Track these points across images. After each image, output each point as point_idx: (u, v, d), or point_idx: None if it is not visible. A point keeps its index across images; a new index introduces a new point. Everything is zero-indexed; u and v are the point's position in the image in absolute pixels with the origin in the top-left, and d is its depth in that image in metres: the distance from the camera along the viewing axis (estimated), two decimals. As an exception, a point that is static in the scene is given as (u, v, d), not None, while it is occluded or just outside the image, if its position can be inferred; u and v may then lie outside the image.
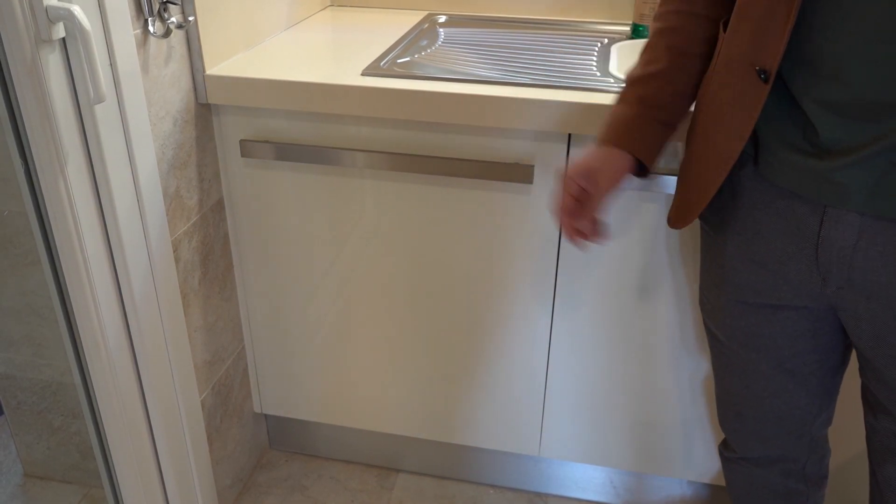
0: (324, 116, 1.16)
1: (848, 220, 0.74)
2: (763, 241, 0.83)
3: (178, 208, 1.14)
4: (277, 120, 1.17)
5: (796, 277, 0.82)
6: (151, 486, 1.19)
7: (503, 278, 1.23)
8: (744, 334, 0.91)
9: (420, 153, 1.15)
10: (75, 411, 1.41)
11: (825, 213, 0.76)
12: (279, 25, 1.38)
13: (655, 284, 1.19)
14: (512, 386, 1.33)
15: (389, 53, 1.25)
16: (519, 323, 1.26)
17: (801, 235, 0.79)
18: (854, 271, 0.76)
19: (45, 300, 1.23)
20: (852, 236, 0.75)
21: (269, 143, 1.18)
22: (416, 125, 1.13)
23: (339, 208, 1.23)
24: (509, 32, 1.43)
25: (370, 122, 1.14)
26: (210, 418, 1.32)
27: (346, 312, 1.33)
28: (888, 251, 0.73)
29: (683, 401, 1.28)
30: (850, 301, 0.79)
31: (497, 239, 1.20)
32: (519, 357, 1.30)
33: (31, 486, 1.51)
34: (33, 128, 0.87)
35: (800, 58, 0.73)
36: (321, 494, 1.51)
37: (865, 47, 0.67)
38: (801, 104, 0.74)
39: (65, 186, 0.91)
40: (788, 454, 0.99)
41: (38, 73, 0.83)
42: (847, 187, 0.72)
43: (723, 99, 0.82)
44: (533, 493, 1.51)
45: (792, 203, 0.79)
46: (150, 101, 1.03)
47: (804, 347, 0.89)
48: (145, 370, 1.10)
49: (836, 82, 0.70)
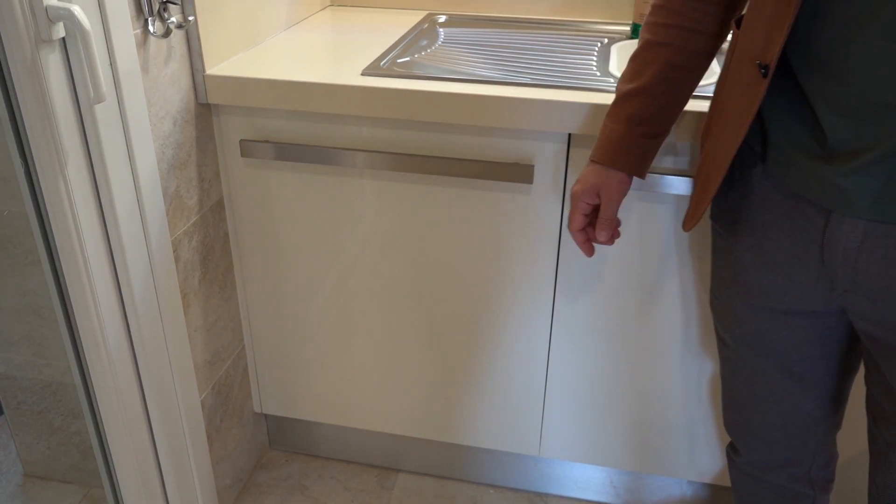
0: (323, 116, 1.16)
1: (853, 221, 0.74)
2: (772, 242, 0.83)
3: (178, 208, 1.14)
4: (277, 120, 1.17)
5: (804, 281, 0.82)
6: (151, 486, 1.19)
7: (503, 278, 1.23)
8: (752, 337, 0.91)
9: (419, 153, 1.15)
10: (75, 411, 1.41)
11: (830, 215, 0.75)
12: (279, 25, 1.38)
13: (656, 284, 1.19)
14: (512, 386, 1.33)
15: (389, 53, 1.25)
16: (519, 323, 1.26)
17: (808, 236, 0.79)
18: (859, 274, 0.76)
19: (45, 300, 1.23)
20: (857, 238, 0.74)
21: (269, 143, 1.18)
22: (416, 125, 1.13)
23: (339, 208, 1.23)
24: (509, 32, 1.43)
25: (370, 122, 1.15)
26: (210, 418, 1.32)
27: (346, 312, 1.33)
28: (892, 254, 0.73)
29: (684, 400, 1.28)
30: (857, 303, 0.79)
31: (497, 238, 1.20)
32: (519, 357, 1.30)
33: (31, 485, 1.51)
34: (33, 128, 0.87)
35: (812, 57, 0.72)
36: (321, 494, 1.51)
37: (875, 47, 0.67)
38: (812, 104, 0.74)
39: (65, 186, 0.91)
40: (794, 458, 0.99)
41: (38, 73, 0.83)
42: (852, 194, 0.72)
43: (731, 96, 0.83)
44: (533, 493, 1.51)
45: (799, 203, 0.79)
46: (150, 101, 1.03)
47: (812, 353, 0.89)
48: (145, 370, 1.10)
49: (845, 82, 0.70)
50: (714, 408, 1.28)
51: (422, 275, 1.26)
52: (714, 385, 1.26)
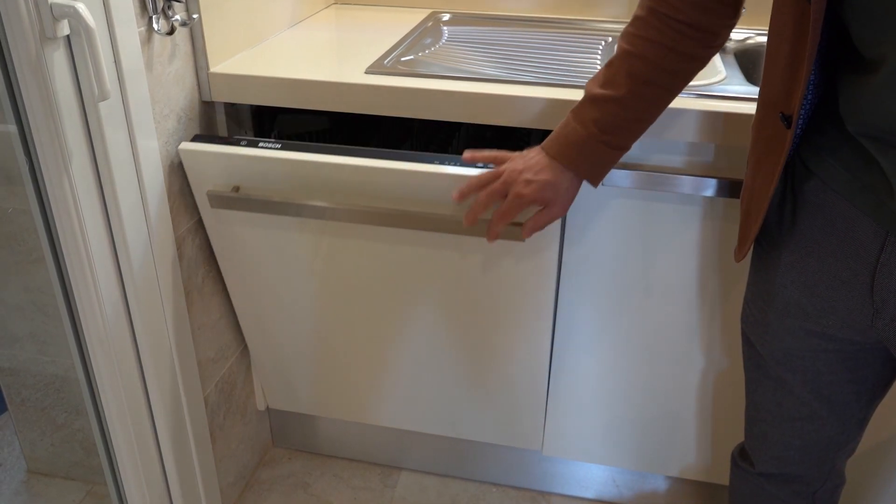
0: (296, 165, 1.09)
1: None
2: (817, 261, 0.79)
3: (182, 206, 1.14)
4: (249, 169, 1.11)
5: (845, 307, 0.78)
6: (155, 483, 1.19)
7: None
8: (783, 353, 0.88)
9: (413, 209, 1.08)
10: (79, 408, 1.42)
11: (888, 238, 0.71)
12: (283, 23, 1.38)
13: (660, 283, 1.18)
14: (514, 385, 1.33)
15: (393, 51, 1.25)
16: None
17: (859, 260, 0.74)
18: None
19: (49, 297, 1.24)
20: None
21: (237, 199, 1.11)
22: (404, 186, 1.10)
23: (316, 257, 1.21)
24: (513, 30, 1.43)
25: (349, 172, 1.11)
26: (213, 415, 1.33)
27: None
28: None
29: (687, 400, 1.28)
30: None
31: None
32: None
33: (35, 482, 1.52)
34: (37, 125, 0.87)
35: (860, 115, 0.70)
36: (324, 492, 1.51)
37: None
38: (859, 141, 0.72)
39: (69, 183, 0.91)
40: (805, 477, 0.97)
41: (42, 71, 0.84)
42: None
43: (760, 138, 0.82)
44: (535, 491, 1.51)
45: (854, 225, 0.74)
46: (155, 99, 1.03)
47: (843, 377, 0.86)
48: (149, 367, 1.10)
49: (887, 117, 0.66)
50: (717, 407, 1.28)
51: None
52: (718, 385, 1.26)
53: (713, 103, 1.03)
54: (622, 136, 0.90)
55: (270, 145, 1.10)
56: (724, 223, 1.12)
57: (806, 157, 0.79)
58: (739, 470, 1.05)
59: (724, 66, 1.20)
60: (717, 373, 1.24)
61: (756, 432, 0.98)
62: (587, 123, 0.89)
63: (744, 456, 1.04)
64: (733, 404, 1.26)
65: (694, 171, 1.08)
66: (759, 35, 1.40)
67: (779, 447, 0.95)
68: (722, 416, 1.28)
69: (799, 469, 0.96)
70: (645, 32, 0.86)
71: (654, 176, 1.08)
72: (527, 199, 0.93)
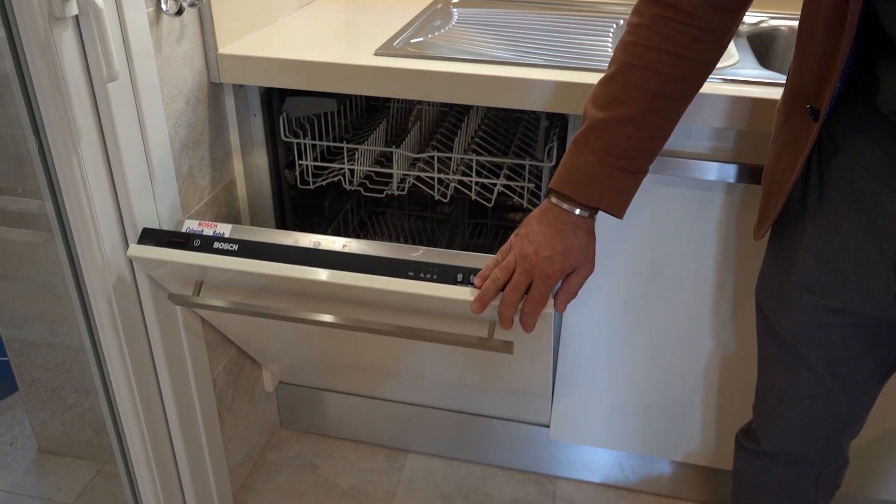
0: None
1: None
2: (842, 238, 0.77)
3: (191, 187, 1.14)
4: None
5: (868, 283, 0.77)
6: (164, 464, 1.20)
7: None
8: (799, 327, 0.87)
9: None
10: (89, 388, 1.43)
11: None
12: (292, 5, 1.37)
13: (669, 267, 1.18)
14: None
15: (403, 33, 1.24)
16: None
17: (886, 236, 0.73)
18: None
19: (58, 278, 1.24)
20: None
21: (200, 303, 1.00)
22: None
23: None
24: (523, 13, 1.41)
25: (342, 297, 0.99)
26: (222, 397, 1.33)
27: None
28: None
29: (694, 385, 1.28)
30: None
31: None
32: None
33: (46, 461, 1.53)
34: (47, 106, 0.87)
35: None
36: (331, 473, 1.52)
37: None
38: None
39: (78, 164, 0.91)
40: (810, 457, 0.97)
41: (51, 51, 0.83)
42: None
43: (785, 128, 0.80)
44: (542, 474, 1.52)
45: (883, 200, 0.72)
46: (163, 80, 1.03)
47: (858, 353, 0.85)
48: (157, 348, 1.11)
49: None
50: (724, 394, 1.28)
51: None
52: (724, 371, 1.25)
53: (726, 87, 1.02)
54: (640, 158, 0.84)
55: (226, 247, 0.96)
56: (736, 209, 1.11)
57: (834, 132, 0.77)
58: (744, 451, 1.05)
59: (738, 50, 1.18)
60: (724, 359, 1.24)
61: (765, 408, 0.98)
62: (598, 152, 0.83)
63: (748, 436, 1.04)
64: (740, 391, 1.26)
65: (702, 156, 1.08)
66: (772, 18, 1.38)
67: (787, 424, 0.95)
68: (728, 403, 1.28)
69: (804, 448, 0.96)
70: (649, 41, 0.80)
71: (665, 160, 1.08)
72: (556, 276, 0.87)
